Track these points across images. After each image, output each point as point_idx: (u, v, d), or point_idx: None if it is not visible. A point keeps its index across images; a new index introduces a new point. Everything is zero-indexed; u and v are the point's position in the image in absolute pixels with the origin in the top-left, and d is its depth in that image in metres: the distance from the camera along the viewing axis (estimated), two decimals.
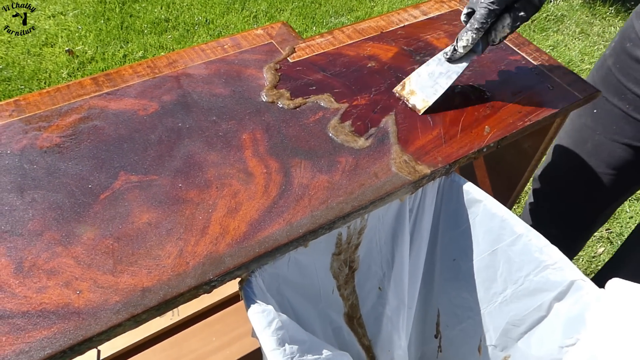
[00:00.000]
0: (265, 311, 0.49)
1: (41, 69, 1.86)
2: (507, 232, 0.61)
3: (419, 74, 0.68)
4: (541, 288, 0.60)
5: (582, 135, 0.90)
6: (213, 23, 2.15)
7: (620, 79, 0.80)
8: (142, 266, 0.48)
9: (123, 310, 0.45)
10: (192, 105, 0.64)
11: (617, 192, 0.93)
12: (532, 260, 0.60)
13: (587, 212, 0.99)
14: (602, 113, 0.85)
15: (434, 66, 0.67)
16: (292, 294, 0.62)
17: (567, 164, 0.96)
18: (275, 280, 0.58)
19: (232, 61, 0.72)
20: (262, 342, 0.48)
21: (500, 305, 0.67)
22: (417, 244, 0.69)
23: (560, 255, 0.57)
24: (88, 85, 0.66)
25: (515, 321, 0.66)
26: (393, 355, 0.81)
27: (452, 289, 0.75)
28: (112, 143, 0.59)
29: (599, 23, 2.34)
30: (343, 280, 0.67)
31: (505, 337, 0.69)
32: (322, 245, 0.60)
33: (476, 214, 0.64)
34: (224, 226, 0.52)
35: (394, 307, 0.74)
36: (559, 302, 0.59)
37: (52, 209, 0.52)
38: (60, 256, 0.48)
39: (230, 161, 0.58)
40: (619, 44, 0.82)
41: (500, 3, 0.57)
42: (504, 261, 0.64)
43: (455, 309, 0.76)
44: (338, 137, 0.62)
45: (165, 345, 0.94)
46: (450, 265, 0.72)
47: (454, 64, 0.66)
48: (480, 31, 0.60)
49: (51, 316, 0.44)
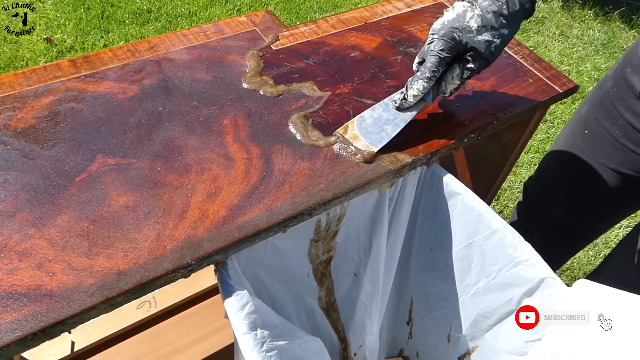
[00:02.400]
0: (239, 294, 0.49)
1: (18, 57, 1.82)
2: (483, 226, 0.62)
3: (363, 118, 0.62)
4: (512, 283, 0.61)
5: (571, 154, 0.88)
6: (196, 15, 2.13)
7: (615, 104, 0.78)
8: (118, 249, 0.47)
9: (97, 293, 0.44)
10: (172, 90, 0.63)
11: (602, 213, 0.93)
12: (506, 255, 0.60)
13: (572, 228, 0.98)
14: (592, 135, 0.84)
15: (380, 112, 0.63)
16: (268, 277, 0.62)
17: (554, 178, 0.95)
18: (252, 263, 0.57)
19: (215, 47, 0.71)
20: (234, 326, 0.48)
21: (472, 297, 0.68)
22: (395, 232, 0.69)
23: (533, 252, 0.58)
24: (66, 67, 0.64)
25: (486, 313, 0.67)
26: (364, 340, 0.81)
27: (427, 278, 0.75)
28: (90, 126, 0.58)
29: (578, 26, 2.38)
30: (319, 266, 0.67)
31: (475, 327, 0.70)
32: (301, 231, 0.60)
33: (455, 206, 0.65)
34: (203, 210, 0.51)
35: (369, 294, 0.74)
36: (529, 298, 0.60)
37: (26, 191, 0.50)
38: (33, 238, 0.47)
39: (210, 146, 0.57)
40: (621, 67, 0.80)
41: (451, 50, 0.56)
42: (478, 254, 0.64)
43: (429, 297, 0.77)
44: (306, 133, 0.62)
45: (142, 337, 0.93)
46: (427, 255, 0.73)
47: (403, 112, 0.62)
48: (432, 80, 0.57)
49: (22, 298, 0.42)
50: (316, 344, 0.62)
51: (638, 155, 0.77)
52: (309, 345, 0.59)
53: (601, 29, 2.37)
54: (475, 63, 0.57)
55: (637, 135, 0.76)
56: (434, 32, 0.57)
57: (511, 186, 1.62)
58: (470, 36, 0.55)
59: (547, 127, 1.83)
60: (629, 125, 0.76)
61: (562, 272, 1.44)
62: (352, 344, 0.82)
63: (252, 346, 0.47)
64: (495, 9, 0.55)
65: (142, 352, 0.90)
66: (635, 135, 0.76)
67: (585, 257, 1.47)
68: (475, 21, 0.55)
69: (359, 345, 0.82)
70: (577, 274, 1.43)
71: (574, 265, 1.46)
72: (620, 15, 2.45)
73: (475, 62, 0.57)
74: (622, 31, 2.38)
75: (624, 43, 2.29)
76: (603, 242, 1.51)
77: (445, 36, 0.55)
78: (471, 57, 0.56)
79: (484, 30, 0.55)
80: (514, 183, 1.63)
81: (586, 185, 0.88)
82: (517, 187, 1.62)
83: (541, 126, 1.83)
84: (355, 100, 0.66)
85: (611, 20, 2.43)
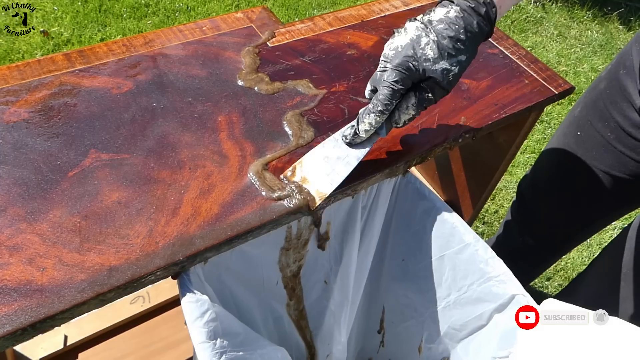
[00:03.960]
0: (199, 301, 0.47)
1: (14, 49, 1.81)
2: (456, 239, 0.61)
3: (312, 157, 0.57)
4: (483, 298, 0.60)
5: (564, 155, 0.88)
6: (194, 10, 2.12)
7: (607, 106, 0.78)
8: (110, 245, 0.47)
9: (88, 288, 0.44)
10: (167, 86, 0.63)
11: (594, 214, 0.93)
12: (477, 270, 0.60)
13: (564, 229, 0.98)
14: (584, 137, 0.83)
15: (330, 149, 0.57)
16: (234, 282, 0.60)
17: (547, 179, 0.95)
18: (217, 269, 0.56)
19: (211, 43, 0.71)
20: (192, 334, 0.46)
21: (444, 310, 0.67)
22: (367, 241, 0.68)
23: (504, 268, 0.58)
24: (60, 61, 0.64)
25: (457, 326, 0.66)
26: (332, 349, 0.80)
27: (399, 288, 0.75)
28: (83, 120, 0.58)
29: (577, 26, 2.38)
30: (289, 274, 0.66)
31: (446, 339, 0.69)
32: (270, 239, 0.58)
33: (428, 217, 0.64)
34: (195, 207, 0.51)
35: (338, 302, 0.73)
36: (499, 314, 0.59)
37: (17, 185, 0.50)
38: (24, 232, 0.46)
39: (204, 143, 0.57)
40: (614, 68, 0.79)
41: (405, 82, 0.51)
42: (450, 268, 0.64)
43: (401, 307, 0.76)
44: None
45: (135, 332, 0.92)
46: (399, 265, 0.72)
47: (355, 148, 0.56)
48: (385, 114, 0.52)
49: (12, 293, 0.42)
50: (279, 354, 0.60)
51: (629, 158, 0.77)
52: (271, 355, 0.57)
53: (599, 30, 2.38)
54: (432, 93, 0.52)
55: (628, 138, 0.76)
56: (386, 60, 0.51)
57: (507, 186, 1.63)
58: (427, 65, 0.50)
59: (543, 127, 1.83)
60: (619, 127, 0.76)
61: (556, 272, 1.44)
62: (320, 352, 0.80)
63: (210, 356, 0.45)
64: (452, 34, 0.49)
65: (135, 347, 0.90)
66: (626, 138, 0.76)
67: (579, 258, 1.48)
68: (431, 48, 0.50)
69: (326, 355, 0.81)
70: (571, 274, 1.44)
71: (567, 265, 1.46)
72: (619, 16, 2.45)
73: (433, 91, 0.52)
74: (620, 33, 2.38)
75: (622, 44, 2.30)
76: (597, 243, 1.52)
77: (400, 66, 0.50)
78: (428, 87, 0.52)
79: (441, 59, 0.50)
80: (510, 183, 1.64)
81: (578, 187, 0.88)
82: (513, 187, 1.62)
83: (537, 127, 1.83)
84: (351, 98, 0.66)
85: (609, 22, 2.43)
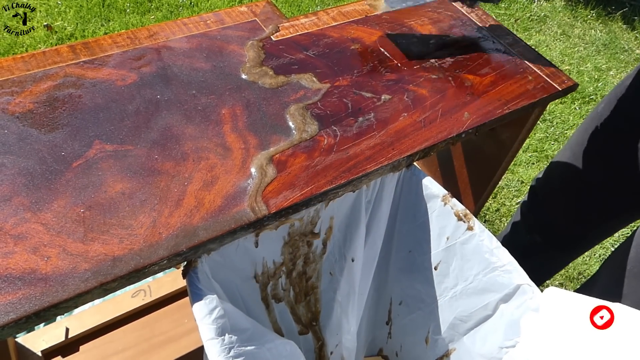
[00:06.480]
0: (208, 299, 0.47)
1: (18, 43, 1.81)
2: (461, 230, 0.62)
3: None
4: (489, 288, 0.61)
5: (582, 153, 0.88)
6: (197, 6, 2.12)
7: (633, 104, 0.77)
8: (114, 235, 0.47)
9: (92, 278, 0.44)
10: (171, 78, 0.63)
11: (609, 214, 0.92)
12: (483, 260, 0.60)
13: (574, 228, 0.98)
14: (605, 135, 0.83)
15: None
16: (240, 279, 0.61)
17: (560, 177, 0.95)
18: (223, 266, 0.56)
19: (215, 36, 0.71)
20: (201, 331, 0.46)
21: (450, 300, 0.68)
22: (373, 234, 0.69)
23: (510, 258, 0.58)
24: (65, 53, 0.64)
25: (463, 317, 0.67)
26: (342, 339, 0.81)
27: (405, 279, 0.75)
28: (88, 112, 0.58)
29: (580, 25, 2.38)
30: (294, 268, 0.66)
31: (453, 330, 0.70)
32: (273, 234, 0.59)
33: (434, 209, 0.64)
34: (199, 199, 0.51)
35: (345, 293, 0.73)
36: (505, 304, 0.60)
37: (22, 175, 0.50)
38: (28, 222, 0.47)
39: (208, 135, 0.57)
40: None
41: None
42: (456, 258, 0.64)
43: (407, 299, 0.77)
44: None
45: (136, 326, 0.93)
46: (406, 256, 0.72)
47: None
48: None
49: (17, 282, 0.43)
50: (288, 347, 0.60)
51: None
52: (280, 349, 0.58)
53: (603, 29, 2.37)
54: None
55: None
56: None
57: (508, 184, 1.63)
58: None
59: (546, 126, 1.83)
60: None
61: None
62: (329, 342, 0.81)
63: (219, 352, 0.45)
64: None
65: (136, 341, 0.90)
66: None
67: (580, 257, 1.47)
68: None
69: (336, 344, 0.82)
70: (572, 273, 1.44)
71: (569, 265, 1.46)
72: (622, 16, 2.44)
73: None
74: (624, 32, 2.37)
75: (625, 44, 2.29)
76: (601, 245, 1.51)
77: None
78: None
79: None
80: (512, 181, 1.63)
81: (595, 186, 0.87)
82: (515, 185, 1.62)
83: (540, 125, 1.83)
84: (354, 93, 0.66)
85: (613, 21, 2.43)
